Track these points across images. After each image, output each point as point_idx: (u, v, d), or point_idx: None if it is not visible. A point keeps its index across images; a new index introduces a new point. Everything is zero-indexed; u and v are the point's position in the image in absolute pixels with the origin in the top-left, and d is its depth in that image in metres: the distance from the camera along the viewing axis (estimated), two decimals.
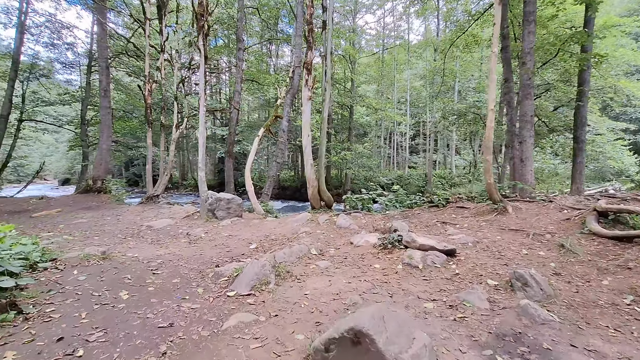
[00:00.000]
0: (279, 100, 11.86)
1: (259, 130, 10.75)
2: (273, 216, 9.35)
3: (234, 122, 14.44)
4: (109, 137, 13.94)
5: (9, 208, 11.38)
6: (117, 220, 8.26)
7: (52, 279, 3.73)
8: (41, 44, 19.17)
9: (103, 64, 13.42)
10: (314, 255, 4.91)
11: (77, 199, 12.65)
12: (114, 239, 6.31)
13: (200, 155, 8.62)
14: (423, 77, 36.69)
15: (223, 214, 8.05)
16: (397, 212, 8.81)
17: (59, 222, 8.17)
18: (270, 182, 12.66)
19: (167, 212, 9.15)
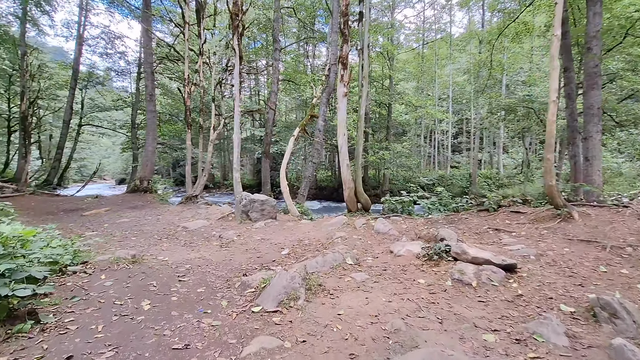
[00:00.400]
0: (315, 99, 11.49)
1: (295, 130, 10.43)
2: (308, 218, 8.97)
3: (270, 123, 14.31)
4: (155, 140, 14.44)
5: (67, 206, 12.12)
6: (157, 220, 8.34)
7: (79, 284, 3.60)
8: (97, 54, 20.57)
9: (148, 70, 13.91)
10: (350, 266, 4.41)
11: (125, 199, 13.23)
12: (150, 240, 6.27)
13: (235, 156, 8.46)
14: (467, 72, 34.60)
15: (257, 215, 7.80)
16: (441, 217, 8.03)
17: (104, 221, 8.43)
18: (307, 182, 12.33)
19: (203, 213, 9.12)
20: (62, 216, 9.68)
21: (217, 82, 10.66)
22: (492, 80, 23.88)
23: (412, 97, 22.83)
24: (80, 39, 19.59)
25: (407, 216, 8.15)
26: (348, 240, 5.95)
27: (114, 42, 20.91)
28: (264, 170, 14.17)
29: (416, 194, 9.29)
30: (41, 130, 18.75)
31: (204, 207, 9.88)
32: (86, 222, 8.42)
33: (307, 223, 7.70)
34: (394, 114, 28.24)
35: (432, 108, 23.92)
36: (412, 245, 4.99)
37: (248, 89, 32.16)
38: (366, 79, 7.80)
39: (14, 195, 14.26)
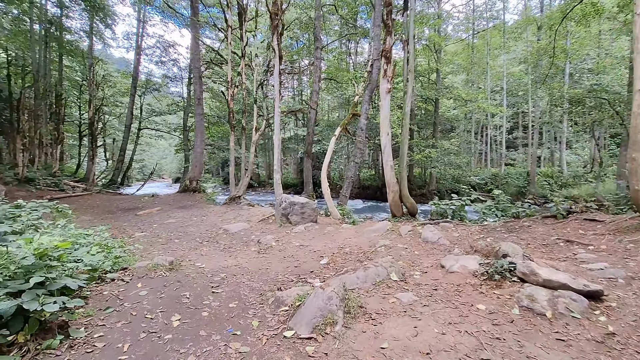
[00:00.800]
0: (357, 97, 10.97)
1: (336, 130, 10.02)
2: (350, 222, 8.52)
3: (312, 122, 14.05)
4: (203, 142, 14.90)
5: (125, 205, 12.92)
6: (201, 222, 8.44)
7: (115, 292, 3.52)
8: (153, 63, 21.90)
9: (196, 74, 14.36)
10: (395, 283, 3.89)
11: (176, 198, 13.82)
12: (191, 243, 6.26)
13: (276, 157, 8.27)
14: (523, 62, 31.63)
15: (297, 218, 7.52)
16: (499, 224, 7.12)
17: (154, 221, 8.72)
18: (349, 183, 11.86)
19: (245, 214, 9.08)
20: (119, 215, 10.26)
21: (259, 83, 10.62)
22: (554, 69, 21.46)
23: (462, 91, 21.21)
24: (138, 49, 20.98)
25: (458, 222, 7.35)
26: (392, 250, 5.41)
27: (167, 50, 22.12)
28: (306, 170, 13.96)
29: (469, 197, 8.37)
30: (106, 134, 20.40)
31: (246, 208, 9.89)
32: (138, 222, 8.79)
33: (348, 228, 7.25)
34: (441, 110, 26.63)
35: (484, 102, 22.06)
36: (468, 260, 4.33)
37: (291, 89, 32.38)
38: (412, 73, 7.13)
39: (83, 194, 15.59)
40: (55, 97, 18.34)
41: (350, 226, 7.55)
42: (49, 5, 19.31)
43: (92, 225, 8.74)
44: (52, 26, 20.20)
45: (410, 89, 7.09)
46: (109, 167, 20.76)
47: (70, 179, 18.39)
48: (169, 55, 21.46)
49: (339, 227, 7.37)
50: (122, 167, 20.36)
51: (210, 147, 22.10)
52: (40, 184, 15.22)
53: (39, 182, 15.23)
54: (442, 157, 20.72)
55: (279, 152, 8.39)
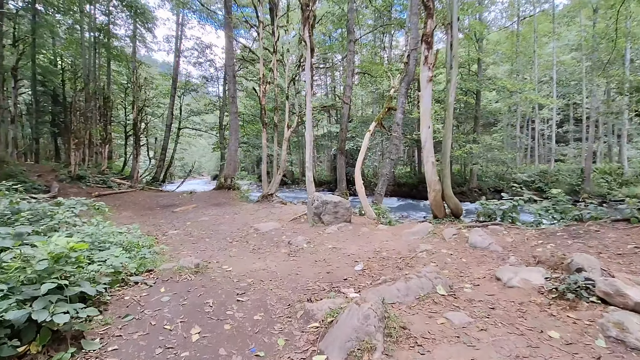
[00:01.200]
0: (392, 90, 10.29)
1: (370, 125, 9.45)
2: (386, 222, 7.94)
3: (345, 118, 13.52)
4: (237, 140, 14.93)
5: (165, 202, 13.24)
6: (233, 220, 8.28)
7: (137, 298, 3.30)
8: (191, 64, 22.47)
9: (230, 73, 14.38)
10: (442, 298, 3.33)
11: (212, 195, 13.97)
12: (221, 242, 6.06)
13: (307, 154, 7.89)
14: (575, 49, 28.80)
15: (330, 218, 7.09)
16: (559, 228, 6.20)
17: (188, 218, 8.72)
18: (384, 180, 11.23)
19: (277, 213, 8.81)
20: (158, 212, 10.45)
21: (291, 79, 10.31)
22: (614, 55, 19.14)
23: (507, 82, 19.53)
24: (177, 51, 21.63)
25: (510, 225, 6.52)
26: (436, 256, 4.81)
27: (204, 52, 22.61)
28: (339, 167, 13.48)
29: (519, 196, 7.42)
30: (148, 134, 21.27)
31: (278, 206, 9.63)
32: (174, 219, 8.83)
33: (385, 229, 6.70)
34: (483, 102, 24.83)
35: (531, 92, 20.16)
36: (530, 273, 3.65)
37: (324, 85, 31.98)
38: (455, 60, 6.38)
39: (127, 190, 16.30)
40: (103, 99, 19.37)
41: (387, 227, 6.99)
42: (98, 13, 20.43)
43: (132, 220, 8.93)
44: (100, 33, 21.39)
45: (454, 77, 6.36)
46: (152, 165, 21.65)
47: (117, 177, 19.39)
48: (205, 56, 21.97)
49: (374, 228, 6.84)
50: (164, 165, 21.15)
51: (244, 144, 22.32)
52: (90, 181, 16.09)
53: (89, 179, 16.10)
54: (484, 153, 19.26)
55: (311, 149, 8.01)
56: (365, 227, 6.96)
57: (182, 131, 24.05)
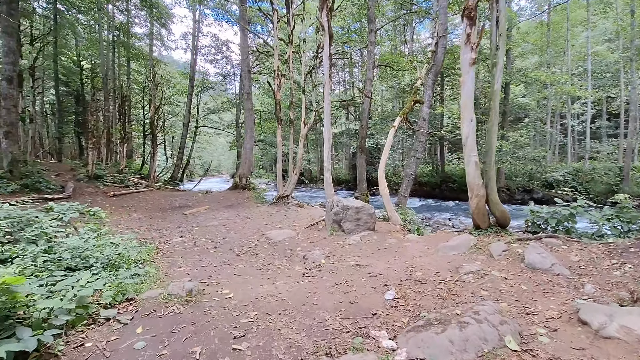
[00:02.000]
0: (419, 81, 9.19)
1: (395, 120, 8.41)
2: (414, 229, 6.91)
3: (366, 114, 12.49)
4: (252, 138, 14.20)
5: (178, 202, 12.68)
6: (244, 225, 7.48)
7: (102, 345, 2.48)
8: (208, 62, 21.99)
9: (245, 68, 13.62)
10: (515, 356, 2.33)
11: (226, 196, 13.31)
12: (227, 255, 5.23)
13: (326, 152, 6.96)
14: (612, 39, 26.45)
15: (351, 226, 6.15)
16: (630, 241, 4.99)
17: (197, 222, 8.00)
18: (408, 181, 10.17)
19: (292, 217, 7.95)
20: (168, 214, 9.83)
21: (307, 71, 9.40)
22: None
23: (541, 73, 17.82)
24: (194, 49, 21.15)
25: (566, 237, 5.35)
26: (486, 281, 3.78)
27: (221, 49, 22.03)
28: (360, 166, 12.47)
29: (578, 204, 6.17)
30: (166, 133, 20.95)
31: (294, 209, 8.76)
32: (183, 223, 8.14)
33: (415, 239, 5.68)
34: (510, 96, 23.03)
35: (567, 85, 18.33)
36: (630, 317, 2.58)
37: (342, 82, 30.87)
38: (503, 39, 5.23)
39: (144, 190, 15.92)
40: (122, 98, 19.16)
41: (417, 237, 5.96)
42: (116, 12, 20.23)
43: (139, 224, 8.33)
44: (119, 32, 21.23)
45: (500, 59, 5.24)
46: (170, 164, 21.35)
47: (135, 176, 19.17)
48: (222, 53, 21.39)
49: (402, 239, 5.83)
50: (181, 164, 20.80)
51: (261, 143, 21.63)
52: (108, 181, 15.82)
53: (106, 178, 15.83)
54: (515, 150, 17.68)
55: (330, 147, 7.07)
56: (391, 236, 5.96)
57: (200, 130, 23.66)
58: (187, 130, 21.02)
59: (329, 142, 7.08)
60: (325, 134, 7.05)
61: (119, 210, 10.73)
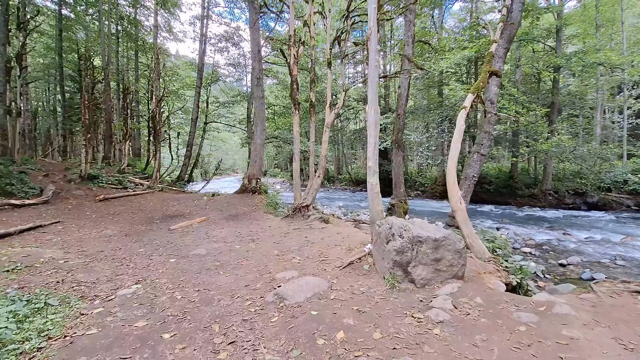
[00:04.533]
0: (494, 44, 6.27)
1: (466, 99, 5.56)
2: (516, 270, 4.02)
3: (403, 100, 9.57)
4: (264, 131, 11.50)
5: (174, 209, 10.16)
6: (245, 257, 4.71)
7: None
8: (218, 52, 19.44)
9: (255, 49, 10.93)
10: None
11: (232, 201, 10.66)
12: (197, 341, 2.47)
13: (371, 145, 4.19)
14: None
15: (426, 273, 3.31)
16: None
17: (178, 250, 5.32)
18: (469, 185, 7.26)
19: (316, 242, 5.14)
20: (151, 229, 7.23)
21: (335, 37, 6.61)
22: None
23: (611, 51, 14.32)
24: (203, 36, 18.64)
25: None
26: None
27: (232, 38, 19.43)
28: (396, 165, 9.56)
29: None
30: (170, 128, 18.55)
31: (318, 228, 5.97)
32: (159, 248, 5.50)
33: (568, 312, 2.77)
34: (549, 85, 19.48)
35: None
36: None
37: (362, 73, 27.76)
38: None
39: (143, 192, 13.50)
40: (123, 90, 16.85)
41: (563, 300, 3.04)
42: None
43: (104, 246, 5.75)
44: (124, 21, 18.95)
45: None
46: (176, 162, 18.96)
47: (139, 176, 16.83)
48: (232, 40, 18.81)
49: (542, 309, 2.92)
50: (189, 163, 18.35)
51: (275, 139, 18.94)
52: (104, 181, 13.46)
53: (102, 179, 13.48)
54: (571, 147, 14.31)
55: (377, 134, 4.27)
56: (500, 302, 3.07)
57: (210, 126, 21.20)
58: (195, 126, 18.54)
59: (375, 128, 4.26)
60: (370, 116, 4.24)
61: (96, 221, 8.23)
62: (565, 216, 15.32)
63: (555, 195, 17.50)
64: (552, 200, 17.43)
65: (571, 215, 15.56)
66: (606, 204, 16.63)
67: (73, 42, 15.72)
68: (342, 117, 23.83)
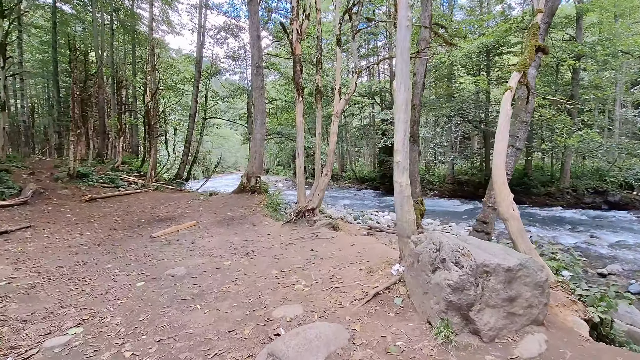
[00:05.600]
0: (538, 15, 5.08)
1: (510, 78, 4.43)
2: (593, 298, 2.88)
3: (419, 89, 8.38)
4: (263, 125, 10.36)
5: (164, 211, 9.06)
6: (234, 281, 3.58)
7: None
8: (218, 44, 18.26)
9: (254, 34, 9.75)
10: None
11: (228, 202, 9.53)
12: None
13: (400, 132, 3.04)
14: None
15: (495, 319, 2.15)
16: None
17: (153, 267, 4.21)
18: None
19: (326, 256, 4.00)
20: (131, 236, 6.13)
21: (346, 9, 5.41)
22: None
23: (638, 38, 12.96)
24: (201, 28, 17.47)
25: None
26: None
27: (232, 30, 18.23)
28: (411, 162, 8.32)
29: None
30: (166, 123, 17.44)
31: (325, 237, 4.82)
32: (136, 259, 4.41)
33: None
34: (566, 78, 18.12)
35: None
36: None
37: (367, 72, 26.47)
38: None
39: (136, 191, 12.42)
40: (117, 84, 15.75)
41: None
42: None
43: (69, 260, 4.66)
44: (119, 12, 17.81)
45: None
46: (172, 160, 17.85)
47: (134, 174, 15.75)
48: (231, 31, 17.62)
49: None
50: (187, 160, 17.25)
51: (277, 135, 17.78)
52: (94, 180, 12.37)
53: (92, 177, 12.40)
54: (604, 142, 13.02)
55: (407, 121, 3.13)
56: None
57: (210, 122, 20.05)
58: (193, 122, 17.42)
59: (406, 110, 3.11)
60: (400, 94, 3.10)
61: (73, 225, 7.15)
62: (586, 216, 14.09)
63: (574, 194, 16.24)
64: (570, 199, 16.18)
65: (592, 215, 14.32)
66: (628, 203, 15.38)
67: (69, 36, 14.59)
68: (347, 112, 22.60)
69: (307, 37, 16.98)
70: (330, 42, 18.18)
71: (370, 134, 23.39)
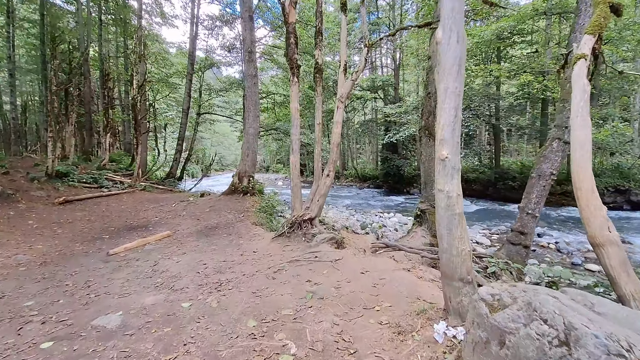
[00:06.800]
0: None
1: (581, 43, 3.12)
2: None
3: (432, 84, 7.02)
4: (257, 118, 9.09)
5: (143, 216, 7.84)
6: (193, 328, 2.35)
7: None
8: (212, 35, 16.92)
9: (246, 15, 8.45)
10: None
11: (216, 205, 8.27)
12: None
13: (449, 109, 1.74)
14: None
15: None
16: None
17: (100, 296, 2.95)
18: (543, 186, 4.84)
19: (329, 293, 2.74)
20: (89, 251, 4.89)
21: None
22: None
23: None
24: (194, 17, 16.14)
25: None
26: None
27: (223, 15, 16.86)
28: (426, 158, 7.03)
29: None
30: (156, 119, 16.16)
31: (328, 262, 3.53)
32: (70, 293, 3.16)
33: None
34: None
35: None
36: None
37: (370, 65, 25.07)
38: None
39: (122, 192, 11.21)
40: (103, 77, 14.48)
41: None
42: None
43: None
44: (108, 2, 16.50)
45: None
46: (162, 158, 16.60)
47: (122, 172, 14.51)
48: (225, 20, 16.27)
49: None
50: (180, 158, 15.99)
51: (275, 131, 16.49)
52: (75, 180, 11.15)
53: (73, 177, 11.17)
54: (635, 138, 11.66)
55: (460, 94, 1.80)
56: None
57: (205, 118, 18.77)
58: (187, 118, 16.14)
59: (458, 76, 1.84)
60: (449, 50, 1.87)
61: (28, 235, 5.92)
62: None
63: None
64: None
65: (614, 216, 13.03)
66: None
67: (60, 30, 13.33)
68: (349, 107, 21.27)
69: (306, 25, 15.63)
70: (331, 31, 16.87)
71: (372, 130, 22.06)
